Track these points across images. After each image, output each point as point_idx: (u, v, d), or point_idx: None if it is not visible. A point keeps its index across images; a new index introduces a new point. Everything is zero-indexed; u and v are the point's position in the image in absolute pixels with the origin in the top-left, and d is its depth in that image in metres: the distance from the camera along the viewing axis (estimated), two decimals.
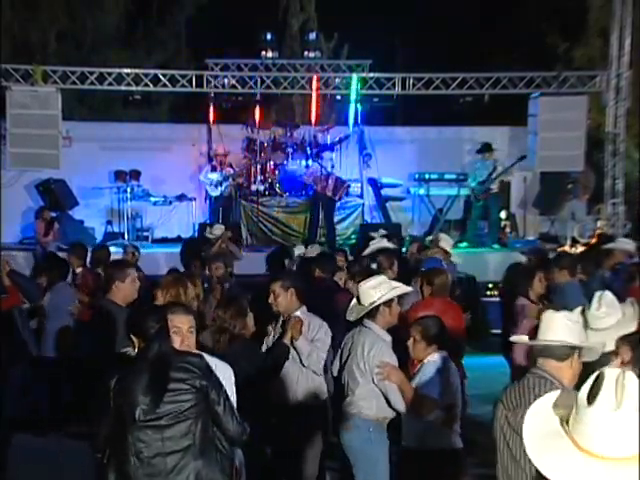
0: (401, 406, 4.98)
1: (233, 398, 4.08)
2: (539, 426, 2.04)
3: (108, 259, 8.81)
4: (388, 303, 5.14)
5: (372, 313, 5.14)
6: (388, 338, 5.17)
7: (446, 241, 8.89)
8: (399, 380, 4.97)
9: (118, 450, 3.78)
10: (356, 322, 5.30)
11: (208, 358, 4.10)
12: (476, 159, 13.37)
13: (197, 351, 4.01)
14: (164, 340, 3.85)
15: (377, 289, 5.12)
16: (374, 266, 7.68)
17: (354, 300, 5.33)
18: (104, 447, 3.92)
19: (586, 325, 3.98)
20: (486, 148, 13.01)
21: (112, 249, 9.83)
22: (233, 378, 4.19)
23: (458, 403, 5.05)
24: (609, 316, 4.36)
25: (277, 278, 5.71)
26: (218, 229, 10.47)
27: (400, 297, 5.39)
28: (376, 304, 5.11)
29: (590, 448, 1.87)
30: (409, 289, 5.60)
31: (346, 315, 5.36)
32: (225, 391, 3.83)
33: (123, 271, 5.84)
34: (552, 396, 2.10)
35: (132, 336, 4.03)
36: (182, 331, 4.01)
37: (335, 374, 5.49)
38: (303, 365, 5.41)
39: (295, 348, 5.38)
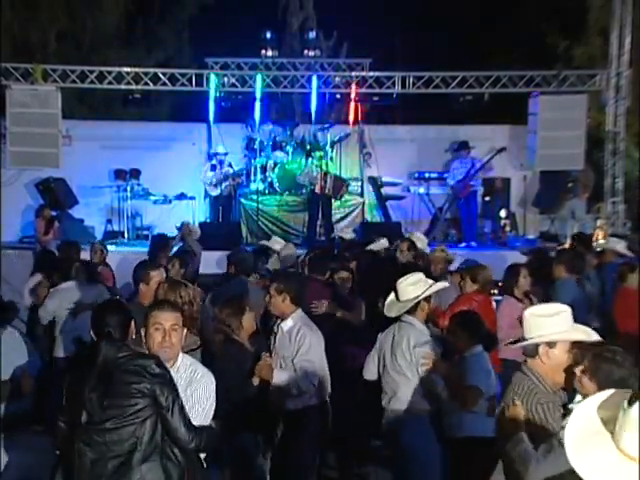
0: (447, 398, 5.14)
1: (211, 404, 4.03)
2: (581, 426, 2.07)
3: (78, 255, 8.82)
4: (427, 298, 5.42)
5: (411, 308, 5.36)
6: (427, 332, 5.42)
7: (418, 239, 9.00)
8: (445, 371, 5.15)
9: (66, 451, 3.72)
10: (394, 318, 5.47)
11: (189, 361, 4.07)
12: (454, 157, 13.45)
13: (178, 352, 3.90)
14: (119, 340, 3.75)
15: (416, 285, 5.38)
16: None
17: (391, 296, 5.50)
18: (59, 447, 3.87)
19: None
20: (463, 146, 13.11)
21: (111, 248, 9.83)
22: (213, 385, 4.10)
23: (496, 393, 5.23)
24: None
25: (274, 280, 5.71)
26: (182, 225, 10.81)
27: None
28: (418, 299, 5.34)
29: (625, 449, 1.90)
30: (446, 284, 5.98)
31: (384, 311, 5.54)
32: (177, 396, 3.69)
33: (147, 273, 5.83)
34: (599, 398, 2.13)
35: (92, 333, 3.94)
36: (164, 328, 3.93)
37: (371, 377, 5.56)
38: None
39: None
